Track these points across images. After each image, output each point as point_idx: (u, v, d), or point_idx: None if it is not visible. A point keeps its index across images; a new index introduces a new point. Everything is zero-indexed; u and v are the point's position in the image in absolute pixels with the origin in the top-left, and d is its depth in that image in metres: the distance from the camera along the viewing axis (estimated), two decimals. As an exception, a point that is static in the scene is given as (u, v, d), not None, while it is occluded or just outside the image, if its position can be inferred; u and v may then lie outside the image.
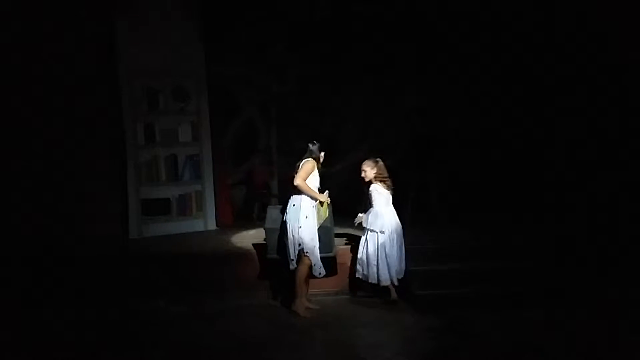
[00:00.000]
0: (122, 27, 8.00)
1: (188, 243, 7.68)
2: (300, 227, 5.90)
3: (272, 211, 6.53)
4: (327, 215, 6.20)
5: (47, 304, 6.12)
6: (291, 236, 5.93)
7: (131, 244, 7.85)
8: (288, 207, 6.05)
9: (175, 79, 8.37)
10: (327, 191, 6.20)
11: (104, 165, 8.02)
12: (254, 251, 6.83)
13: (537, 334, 5.26)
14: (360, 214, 6.48)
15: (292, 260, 5.95)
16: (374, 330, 5.51)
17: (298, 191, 5.99)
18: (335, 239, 6.61)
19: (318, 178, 6.17)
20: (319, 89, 9.02)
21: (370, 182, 6.42)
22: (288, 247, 5.97)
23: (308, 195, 5.98)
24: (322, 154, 6.22)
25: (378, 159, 6.45)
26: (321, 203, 6.08)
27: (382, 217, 6.32)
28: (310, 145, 6.19)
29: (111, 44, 7.99)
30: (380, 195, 6.36)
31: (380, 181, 6.38)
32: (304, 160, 6.08)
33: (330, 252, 6.34)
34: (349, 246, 6.82)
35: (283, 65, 8.99)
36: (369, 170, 6.38)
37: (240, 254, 6.97)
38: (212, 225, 8.54)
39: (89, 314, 5.97)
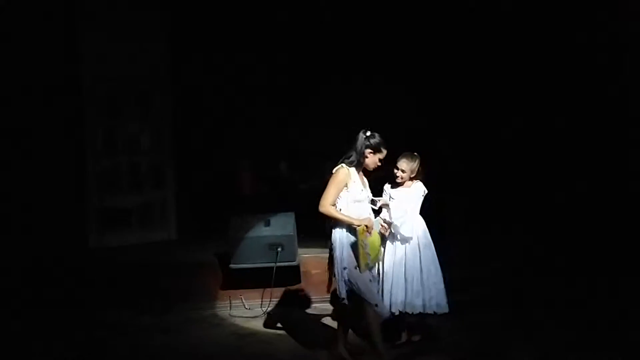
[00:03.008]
0: (84, 30, 7.86)
1: (150, 253, 7.54)
2: (345, 268, 4.57)
3: (236, 220, 6.48)
4: (380, 250, 4.81)
5: (7, 315, 5.97)
6: (339, 274, 4.61)
7: (91, 254, 7.67)
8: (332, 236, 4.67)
9: (138, 84, 8.26)
10: (378, 218, 4.84)
11: (63, 173, 7.84)
12: (217, 261, 6.76)
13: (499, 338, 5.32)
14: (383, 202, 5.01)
15: (343, 299, 4.65)
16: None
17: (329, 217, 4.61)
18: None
19: (361, 191, 4.65)
20: (287, 96, 8.99)
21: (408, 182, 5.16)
22: (338, 283, 4.65)
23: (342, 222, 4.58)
24: (378, 156, 4.67)
25: (415, 153, 5.14)
26: (368, 230, 4.52)
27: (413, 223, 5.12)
28: (361, 135, 4.65)
29: (73, 48, 7.85)
30: (421, 199, 5.15)
31: (422, 180, 5.17)
32: (335, 168, 4.67)
33: (294, 260, 6.30)
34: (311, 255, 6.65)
35: (250, 71, 8.95)
36: (407, 170, 5.06)
37: (203, 264, 6.87)
38: (174, 235, 8.43)
39: (50, 325, 5.85)
